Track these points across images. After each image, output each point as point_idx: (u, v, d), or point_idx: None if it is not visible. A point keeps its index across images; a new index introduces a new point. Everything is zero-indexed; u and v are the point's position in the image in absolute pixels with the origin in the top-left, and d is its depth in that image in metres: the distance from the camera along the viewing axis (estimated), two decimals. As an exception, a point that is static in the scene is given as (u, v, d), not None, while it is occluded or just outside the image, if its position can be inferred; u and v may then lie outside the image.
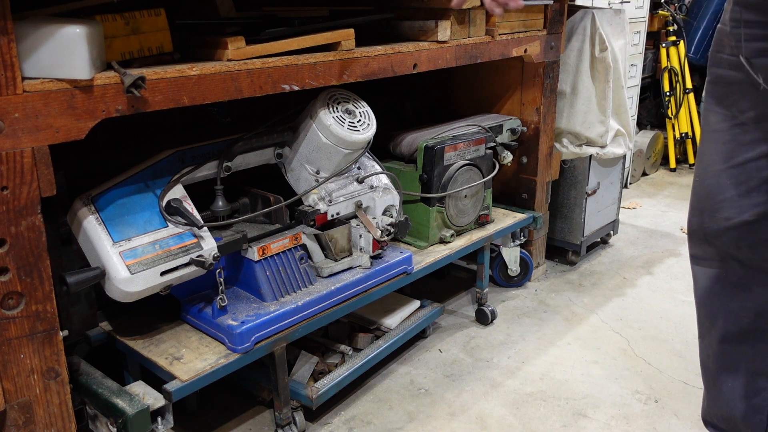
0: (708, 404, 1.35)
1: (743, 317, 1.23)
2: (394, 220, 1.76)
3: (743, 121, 1.10)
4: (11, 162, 1.09)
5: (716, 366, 1.30)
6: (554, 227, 2.61)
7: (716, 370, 1.30)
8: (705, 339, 1.33)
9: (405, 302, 2.02)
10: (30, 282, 1.15)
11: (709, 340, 1.31)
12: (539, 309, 2.30)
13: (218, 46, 1.37)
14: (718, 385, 1.30)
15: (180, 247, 1.39)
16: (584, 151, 2.40)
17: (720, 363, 1.29)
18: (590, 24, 2.30)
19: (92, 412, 1.35)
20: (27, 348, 1.17)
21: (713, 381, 1.31)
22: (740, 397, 1.27)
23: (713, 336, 1.29)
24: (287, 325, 1.53)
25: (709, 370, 1.32)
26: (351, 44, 1.58)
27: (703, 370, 1.35)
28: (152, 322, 1.58)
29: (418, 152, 1.95)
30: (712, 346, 1.30)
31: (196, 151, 1.52)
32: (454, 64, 1.87)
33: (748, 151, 1.11)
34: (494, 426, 1.70)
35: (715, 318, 1.28)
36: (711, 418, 1.36)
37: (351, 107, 1.67)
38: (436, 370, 1.94)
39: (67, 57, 1.11)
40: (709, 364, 1.32)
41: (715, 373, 1.30)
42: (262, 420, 1.73)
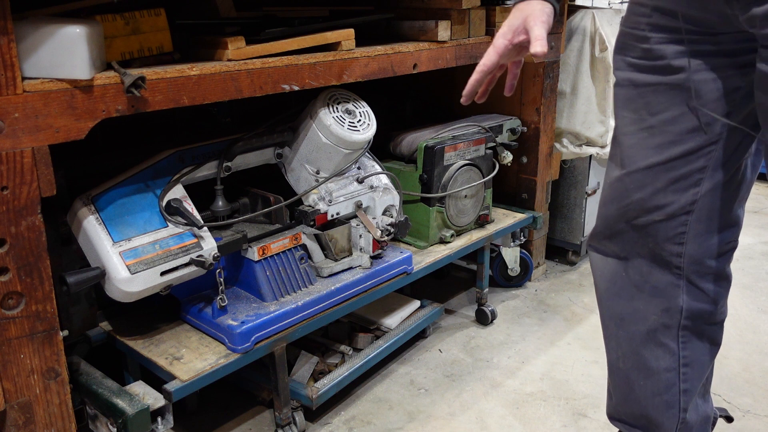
0: (617, 402, 1.37)
1: (649, 316, 1.23)
2: (394, 220, 1.76)
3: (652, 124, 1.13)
4: (11, 162, 1.09)
5: (627, 366, 1.30)
6: (554, 227, 2.61)
7: (627, 370, 1.30)
8: (612, 340, 1.33)
9: (405, 302, 2.02)
10: (30, 282, 1.15)
11: (617, 341, 1.31)
12: (539, 309, 2.30)
13: (218, 46, 1.37)
14: (629, 384, 1.31)
15: (180, 247, 1.39)
16: (584, 151, 2.40)
17: (630, 363, 1.29)
18: (590, 24, 2.30)
19: (92, 412, 1.35)
20: (27, 348, 1.17)
21: (624, 380, 1.32)
22: (652, 395, 1.28)
23: (622, 336, 1.29)
24: (287, 325, 1.53)
25: (619, 370, 1.33)
26: (351, 44, 1.58)
27: (611, 369, 1.36)
28: (152, 322, 1.58)
29: (418, 152, 1.95)
30: (621, 347, 1.30)
31: (196, 151, 1.52)
32: (454, 64, 1.87)
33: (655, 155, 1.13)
34: (494, 426, 1.70)
35: (621, 319, 1.28)
36: (620, 415, 1.37)
37: (351, 107, 1.67)
38: (436, 370, 1.94)
39: (67, 57, 1.11)
40: (619, 364, 1.32)
41: (625, 372, 1.31)
42: (262, 420, 1.73)
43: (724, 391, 1.83)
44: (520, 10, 1.12)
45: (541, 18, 1.09)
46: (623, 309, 1.27)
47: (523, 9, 1.12)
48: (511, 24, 1.12)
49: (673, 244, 1.17)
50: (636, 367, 1.28)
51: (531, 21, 1.09)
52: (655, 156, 1.13)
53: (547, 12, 1.11)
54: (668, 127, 1.11)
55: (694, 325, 1.22)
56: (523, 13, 1.11)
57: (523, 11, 1.11)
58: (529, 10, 1.11)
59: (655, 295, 1.22)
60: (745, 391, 1.83)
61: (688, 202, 1.13)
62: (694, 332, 1.23)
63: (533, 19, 1.09)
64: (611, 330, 1.32)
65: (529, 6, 1.12)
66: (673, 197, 1.13)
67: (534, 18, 1.09)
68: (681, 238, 1.16)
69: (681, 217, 1.14)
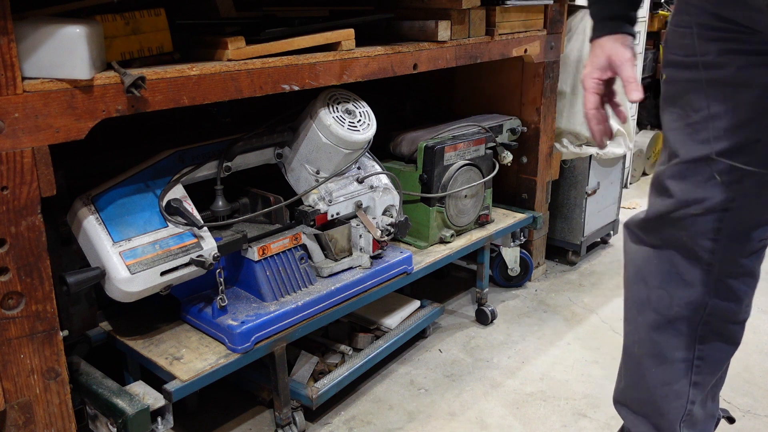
0: (625, 386, 1.38)
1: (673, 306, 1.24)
2: (394, 220, 1.76)
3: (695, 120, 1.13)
4: (11, 162, 1.09)
5: (641, 352, 1.31)
6: (554, 227, 2.61)
7: (640, 356, 1.31)
8: (632, 324, 1.34)
9: (405, 302, 2.02)
10: (30, 282, 1.15)
11: (636, 326, 1.32)
12: (539, 309, 2.30)
13: (218, 46, 1.37)
14: (641, 370, 1.32)
15: (180, 247, 1.39)
16: (584, 151, 2.40)
17: (646, 350, 1.30)
18: (590, 24, 2.29)
19: (92, 412, 1.35)
20: (27, 348, 1.17)
21: (636, 366, 1.33)
22: (662, 383, 1.28)
23: (640, 323, 1.30)
24: (287, 325, 1.53)
25: (633, 354, 1.34)
26: (351, 44, 1.58)
27: (625, 354, 1.36)
28: (152, 322, 1.58)
29: (418, 152, 1.95)
30: (639, 333, 1.31)
31: (196, 151, 1.52)
32: (454, 64, 1.87)
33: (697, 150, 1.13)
34: (494, 426, 1.70)
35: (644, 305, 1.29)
36: (626, 400, 1.38)
37: (351, 107, 1.67)
38: (436, 370, 1.94)
39: (67, 57, 1.11)
40: (634, 349, 1.33)
41: (639, 358, 1.32)
42: (262, 420, 1.73)
43: (725, 391, 1.82)
44: (601, 47, 1.12)
45: (625, 56, 1.09)
46: (647, 295, 1.27)
47: (604, 46, 1.11)
48: (596, 63, 1.12)
49: (707, 239, 1.16)
50: (650, 354, 1.29)
51: (616, 60, 1.10)
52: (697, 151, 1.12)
53: (630, 46, 1.11)
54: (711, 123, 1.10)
55: (716, 321, 1.22)
56: (605, 51, 1.11)
57: (605, 48, 1.11)
58: (609, 47, 1.11)
59: (682, 287, 1.21)
60: (745, 391, 1.83)
61: (727, 199, 1.12)
62: (715, 328, 1.23)
63: (618, 59, 1.09)
64: (632, 314, 1.33)
65: (609, 43, 1.11)
66: (712, 192, 1.12)
67: (618, 57, 1.09)
68: (715, 234, 1.15)
69: (717, 213, 1.14)
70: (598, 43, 1.13)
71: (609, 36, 1.11)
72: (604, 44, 1.12)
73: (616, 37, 1.11)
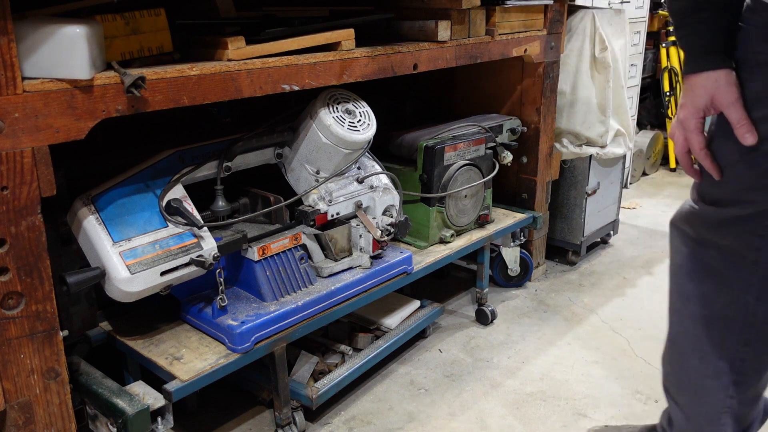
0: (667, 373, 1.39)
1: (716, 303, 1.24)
2: (394, 220, 1.76)
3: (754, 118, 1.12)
4: (11, 162, 1.09)
5: (685, 343, 1.32)
6: (554, 227, 2.61)
7: (684, 347, 1.32)
8: (676, 315, 1.35)
9: (405, 302, 2.02)
10: (30, 282, 1.15)
11: (680, 318, 1.33)
12: (539, 309, 2.30)
13: (218, 46, 1.37)
14: (683, 361, 1.33)
15: (180, 247, 1.39)
16: (584, 151, 2.40)
17: (689, 341, 1.31)
18: (590, 24, 2.30)
19: (92, 412, 1.35)
20: (27, 348, 1.17)
21: (679, 355, 1.34)
22: (702, 376, 1.29)
23: (685, 315, 1.31)
24: (287, 325, 1.53)
25: (677, 344, 1.35)
26: (351, 44, 1.58)
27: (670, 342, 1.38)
28: (152, 322, 1.58)
29: (418, 152, 1.95)
30: (683, 324, 1.32)
31: (196, 151, 1.52)
32: (454, 64, 1.87)
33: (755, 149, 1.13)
34: (494, 426, 1.70)
35: (687, 299, 1.29)
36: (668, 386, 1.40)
37: (351, 107, 1.67)
38: (436, 370, 1.94)
39: (67, 57, 1.11)
40: (678, 339, 1.34)
41: (682, 348, 1.33)
42: (262, 420, 1.73)
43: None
44: (703, 86, 1.03)
45: (732, 96, 1.01)
46: (692, 290, 1.27)
47: (706, 85, 1.03)
48: (697, 104, 1.04)
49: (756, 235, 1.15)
50: (693, 347, 1.29)
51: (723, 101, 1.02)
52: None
53: (734, 83, 1.02)
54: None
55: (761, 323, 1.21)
56: (708, 91, 1.03)
57: (707, 88, 1.03)
58: (712, 86, 1.02)
59: (726, 286, 1.21)
60: None
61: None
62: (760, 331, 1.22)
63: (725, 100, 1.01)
64: (677, 306, 1.33)
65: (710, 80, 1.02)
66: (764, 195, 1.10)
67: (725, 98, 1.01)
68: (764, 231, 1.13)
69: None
70: (695, 81, 1.04)
71: (709, 72, 1.02)
72: (705, 83, 1.03)
73: (719, 75, 1.01)
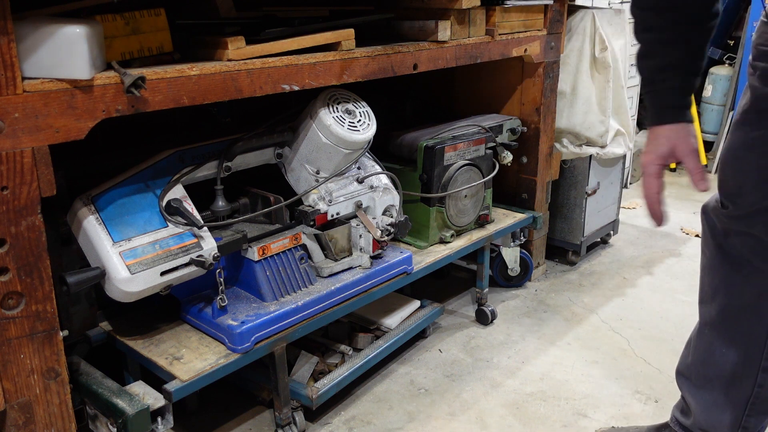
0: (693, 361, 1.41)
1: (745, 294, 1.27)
2: (394, 220, 1.76)
3: None
4: (11, 162, 1.09)
5: (713, 332, 1.34)
6: (554, 227, 2.61)
7: (712, 336, 1.35)
8: (705, 305, 1.37)
9: (405, 302, 2.02)
10: (30, 282, 1.15)
11: (709, 308, 1.35)
12: (539, 309, 2.30)
13: (218, 46, 1.37)
14: (711, 349, 1.35)
15: (180, 247, 1.39)
16: (584, 151, 2.40)
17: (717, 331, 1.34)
18: (590, 24, 2.30)
19: (92, 412, 1.35)
20: (27, 348, 1.17)
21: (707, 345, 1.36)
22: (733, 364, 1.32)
23: (714, 306, 1.33)
24: (287, 325, 1.53)
25: (704, 334, 1.37)
26: (351, 44, 1.58)
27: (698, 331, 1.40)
28: (152, 322, 1.58)
29: (418, 152, 1.95)
30: (711, 314, 1.34)
31: (196, 151, 1.52)
32: (454, 64, 1.87)
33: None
34: (494, 426, 1.70)
35: (717, 290, 1.32)
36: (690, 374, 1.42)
37: (351, 107, 1.67)
38: (436, 370, 1.94)
39: (67, 57, 1.11)
40: (705, 329, 1.36)
41: (710, 338, 1.35)
42: (262, 420, 1.73)
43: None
44: (665, 136, 1.14)
45: (690, 147, 1.13)
46: (720, 281, 1.30)
47: (668, 136, 1.14)
48: (659, 151, 1.15)
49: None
50: (721, 336, 1.32)
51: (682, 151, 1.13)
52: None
53: (693, 135, 1.14)
54: None
55: None
56: (670, 141, 1.14)
57: (669, 138, 1.14)
58: (674, 137, 1.13)
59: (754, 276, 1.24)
60: None
61: None
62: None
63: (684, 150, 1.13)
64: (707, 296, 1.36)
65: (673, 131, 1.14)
66: None
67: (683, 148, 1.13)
68: None
69: None
70: (659, 132, 1.15)
71: (670, 125, 1.13)
72: (667, 134, 1.14)
73: (679, 128, 1.13)
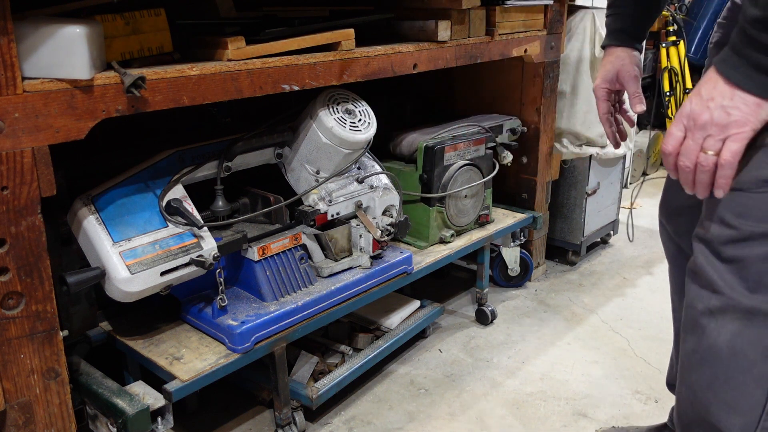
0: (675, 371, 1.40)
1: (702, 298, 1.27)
2: (394, 220, 1.76)
3: None
4: (11, 162, 1.09)
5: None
6: (554, 227, 2.61)
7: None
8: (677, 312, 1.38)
9: (405, 302, 2.02)
10: (30, 282, 1.15)
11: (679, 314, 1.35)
12: (539, 309, 2.30)
13: (218, 46, 1.37)
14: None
15: (180, 247, 1.39)
16: (584, 151, 2.40)
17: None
18: (590, 24, 2.30)
19: (92, 412, 1.35)
20: (27, 348, 1.17)
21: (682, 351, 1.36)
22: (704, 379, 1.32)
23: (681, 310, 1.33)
24: (287, 325, 1.53)
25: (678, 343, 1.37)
26: (351, 44, 1.58)
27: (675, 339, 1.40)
28: (152, 322, 1.58)
29: (418, 152, 1.95)
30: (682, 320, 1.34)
31: (196, 151, 1.52)
32: (454, 64, 1.87)
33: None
34: (494, 426, 1.70)
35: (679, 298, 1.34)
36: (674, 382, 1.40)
37: (351, 107, 1.67)
38: (436, 370, 1.94)
39: (67, 57, 1.11)
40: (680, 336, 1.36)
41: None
42: (262, 420, 1.73)
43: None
44: (611, 62, 1.21)
45: (633, 72, 1.18)
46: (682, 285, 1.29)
47: (613, 61, 1.20)
48: (605, 76, 1.22)
49: None
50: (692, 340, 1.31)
51: (624, 76, 1.19)
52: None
53: (636, 63, 1.20)
54: None
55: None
56: (614, 66, 1.20)
57: (614, 63, 1.20)
58: (618, 62, 1.20)
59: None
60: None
61: None
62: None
63: (626, 74, 1.19)
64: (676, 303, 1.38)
65: (618, 57, 1.20)
66: None
67: (626, 72, 1.19)
68: None
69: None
70: (609, 52, 1.22)
71: (619, 48, 1.20)
72: (613, 58, 1.21)
73: (626, 52, 1.19)
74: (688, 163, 0.87)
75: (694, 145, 0.86)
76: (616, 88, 1.22)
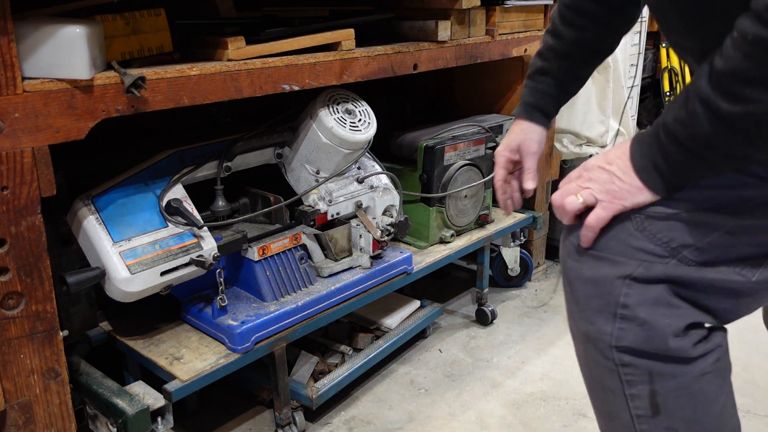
0: None
1: None
2: (394, 220, 1.76)
3: None
4: (11, 162, 1.09)
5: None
6: (554, 227, 2.61)
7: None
8: None
9: (405, 302, 2.02)
10: (30, 282, 1.15)
11: None
12: (539, 309, 2.30)
13: (218, 46, 1.37)
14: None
15: (180, 247, 1.39)
16: (584, 151, 2.40)
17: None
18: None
19: (92, 412, 1.35)
20: (27, 348, 1.17)
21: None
22: None
23: None
24: (287, 325, 1.53)
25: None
26: (351, 44, 1.58)
27: None
28: (152, 322, 1.58)
29: (418, 152, 1.95)
30: None
31: (196, 151, 1.52)
32: (454, 64, 1.87)
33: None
34: (494, 426, 1.70)
35: None
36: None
37: (351, 107, 1.67)
38: (436, 370, 1.94)
39: (67, 57, 1.11)
40: None
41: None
42: (262, 420, 1.73)
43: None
44: (516, 133, 1.22)
45: (534, 149, 1.21)
46: None
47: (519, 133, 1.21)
48: (509, 145, 1.23)
49: None
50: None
51: (525, 150, 1.21)
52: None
53: (539, 140, 1.21)
54: None
55: None
56: (518, 138, 1.21)
57: (518, 135, 1.21)
58: (523, 136, 1.21)
59: None
60: (746, 391, 1.82)
61: None
62: None
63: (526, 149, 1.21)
64: None
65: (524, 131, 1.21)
66: None
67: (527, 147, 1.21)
68: None
69: None
70: (517, 123, 1.22)
71: (527, 122, 1.20)
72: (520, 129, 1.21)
73: (533, 128, 1.20)
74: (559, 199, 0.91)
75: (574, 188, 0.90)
76: (516, 158, 1.23)
